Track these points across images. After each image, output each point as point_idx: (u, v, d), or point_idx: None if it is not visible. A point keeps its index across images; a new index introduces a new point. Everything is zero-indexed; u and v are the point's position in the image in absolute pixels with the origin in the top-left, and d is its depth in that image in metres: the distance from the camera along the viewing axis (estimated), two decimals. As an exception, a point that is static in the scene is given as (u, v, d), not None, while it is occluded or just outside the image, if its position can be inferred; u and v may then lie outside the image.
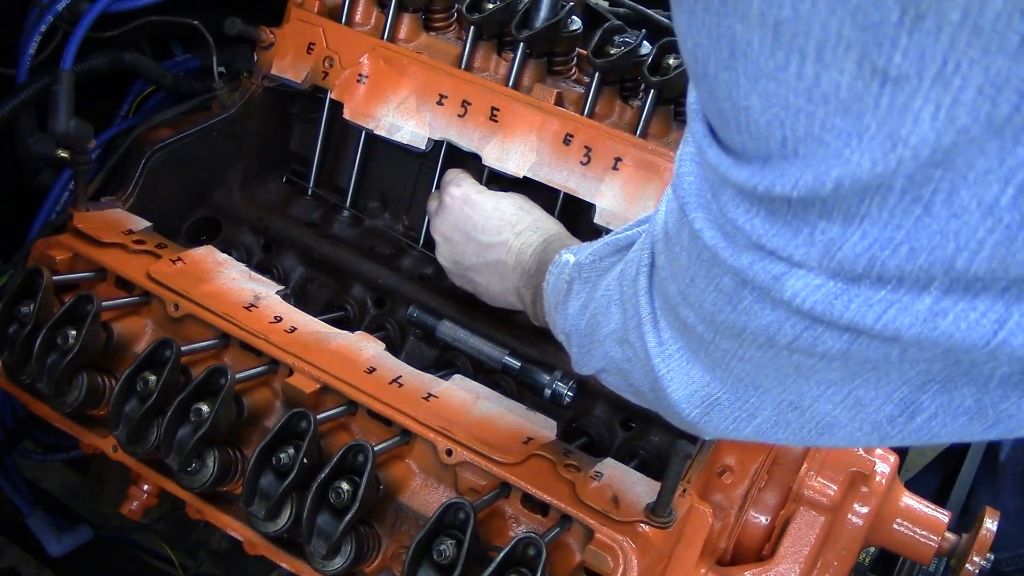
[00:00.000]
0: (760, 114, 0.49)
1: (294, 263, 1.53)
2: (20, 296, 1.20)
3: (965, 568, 1.23)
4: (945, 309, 0.48)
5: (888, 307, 0.50)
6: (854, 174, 0.46)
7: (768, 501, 1.22)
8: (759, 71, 0.47)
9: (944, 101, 0.42)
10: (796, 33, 0.44)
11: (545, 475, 1.07)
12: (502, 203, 1.30)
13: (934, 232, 0.46)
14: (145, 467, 1.18)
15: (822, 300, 0.52)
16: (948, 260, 0.46)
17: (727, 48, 0.48)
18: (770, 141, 0.49)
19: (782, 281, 0.53)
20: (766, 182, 0.51)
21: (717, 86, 0.51)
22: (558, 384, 1.28)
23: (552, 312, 1.03)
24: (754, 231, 0.53)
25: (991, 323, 0.48)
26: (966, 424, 0.57)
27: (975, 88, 0.41)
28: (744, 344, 0.61)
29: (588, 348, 0.91)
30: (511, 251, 1.24)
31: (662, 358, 0.72)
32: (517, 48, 1.41)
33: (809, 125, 0.47)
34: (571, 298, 0.94)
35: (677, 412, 0.73)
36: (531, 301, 1.20)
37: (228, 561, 1.78)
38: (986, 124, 0.41)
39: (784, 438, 0.68)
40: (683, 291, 0.66)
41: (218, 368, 1.10)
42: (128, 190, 1.43)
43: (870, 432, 0.62)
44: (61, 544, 1.76)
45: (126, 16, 1.48)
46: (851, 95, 0.44)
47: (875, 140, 0.44)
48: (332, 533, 1.01)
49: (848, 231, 0.48)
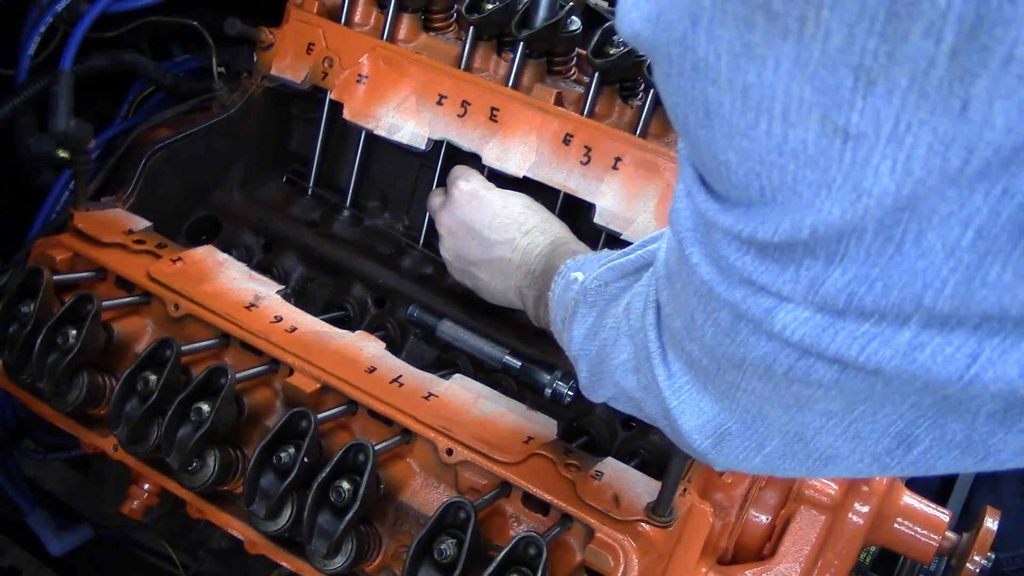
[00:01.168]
0: (738, 167, 0.52)
1: (294, 263, 1.53)
2: (20, 296, 1.20)
3: (966, 567, 1.23)
4: (923, 343, 0.51)
5: (870, 340, 0.52)
6: (826, 221, 0.49)
7: (769, 500, 1.22)
8: (732, 130, 0.50)
9: (899, 157, 0.45)
10: (762, 96, 0.48)
11: (546, 474, 1.07)
12: (510, 201, 1.30)
13: (904, 270, 0.49)
14: (145, 466, 1.18)
15: (810, 333, 0.54)
16: (917, 297, 0.49)
17: (702, 109, 0.52)
18: (750, 190, 0.52)
19: (773, 314, 0.56)
20: (750, 228, 0.54)
21: (697, 141, 0.55)
22: (558, 384, 1.28)
23: (559, 325, 1.03)
24: (744, 268, 0.56)
25: (964, 357, 0.50)
26: (959, 457, 0.60)
27: (926, 145, 0.44)
28: (746, 375, 0.64)
29: (599, 377, 0.92)
30: (517, 250, 1.24)
31: (672, 391, 0.74)
32: (517, 48, 1.41)
33: (783, 177, 0.50)
34: (576, 320, 0.95)
35: (689, 443, 0.75)
36: (533, 303, 1.20)
37: (229, 560, 1.78)
38: (940, 176, 0.44)
39: (792, 469, 0.70)
40: (686, 325, 0.68)
41: (218, 368, 1.10)
42: (128, 190, 1.43)
43: (871, 463, 0.65)
44: (62, 543, 1.76)
45: (126, 16, 1.48)
46: (817, 151, 0.47)
47: (842, 191, 0.47)
48: (333, 532, 1.01)
49: (830, 268, 0.51)
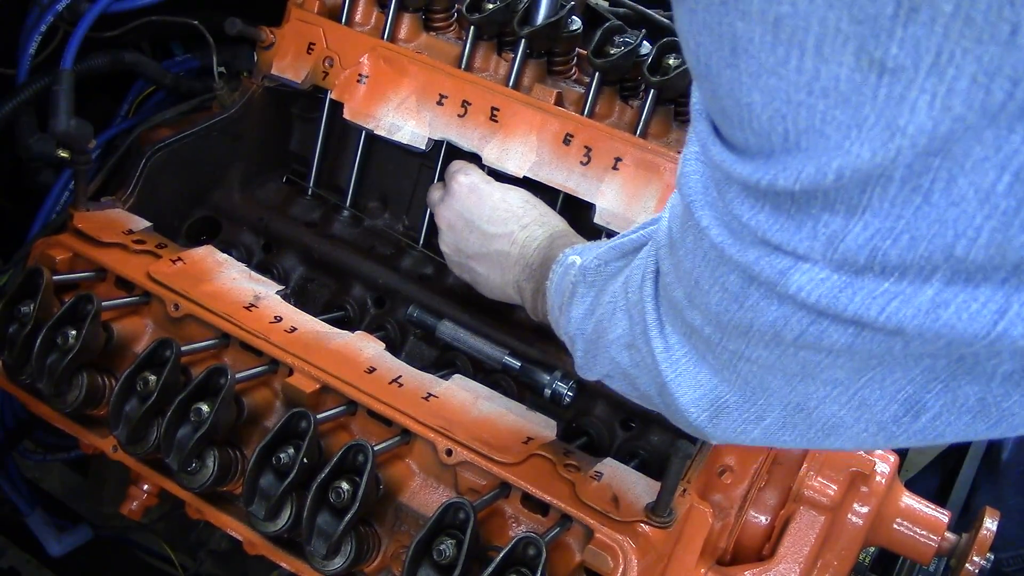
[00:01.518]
0: (762, 110, 0.50)
1: (294, 263, 1.53)
2: (20, 296, 1.20)
3: (965, 568, 1.22)
4: (947, 300, 0.49)
5: (892, 299, 0.50)
6: (855, 164, 0.47)
7: (768, 501, 1.21)
8: (760, 67, 0.48)
9: (940, 91, 0.43)
10: (795, 28, 0.45)
11: (545, 475, 1.07)
12: (509, 195, 1.30)
13: (933, 220, 0.47)
14: (145, 467, 1.18)
15: (827, 293, 0.52)
16: (947, 248, 0.47)
17: (728, 46, 0.49)
18: (773, 136, 0.50)
19: (788, 275, 0.54)
20: (769, 176, 0.51)
21: (720, 84, 0.52)
22: (558, 384, 1.28)
23: (556, 312, 1.03)
24: (759, 226, 0.54)
25: (991, 313, 0.48)
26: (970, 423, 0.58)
27: (969, 77, 0.42)
28: (751, 343, 0.62)
29: (594, 354, 0.92)
30: (515, 243, 1.24)
31: (669, 363, 0.73)
32: (517, 48, 1.41)
33: (810, 118, 0.47)
34: (575, 302, 0.95)
35: (685, 417, 0.73)
36: (531, 296, 1.20)
37: (228, 561, 1.78)
38: (981, 112, 0.42)
39: (791, 440, 0.69)
40: (689, 293, 0.67)
41: (218, 368, 1.10)
42: (128, 190, 1.43)
43: (876, 432, 0.63)
44: (61, 544, 1.76)
45: (126, 16, 1.48)
46: (850, 87, 0.45)
47: (874, 130, 0.45)
48: (332, 533, 1.01)
49: (850, 223, 0.49)
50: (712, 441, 0.74)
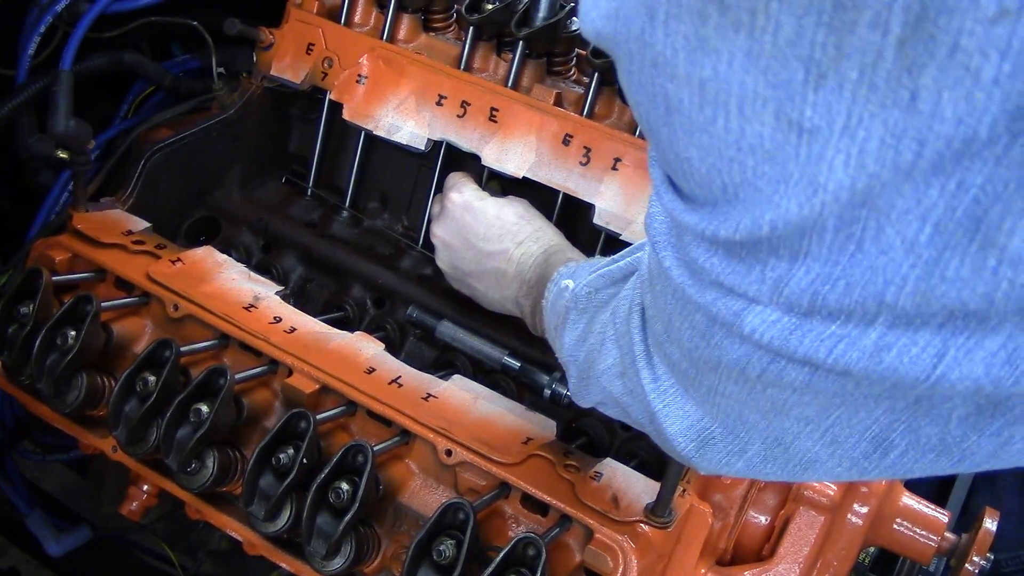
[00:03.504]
0: (700, 164, 0.52)
1: (294, 263, 1.53)
2: (20, 296, 1.20)
3: (965, 568, 1.22)
4: (889, 344, 0.50)
5: (838, 341, 0.51)
6: (785, 217, 0.48)
7: (768, 501, 1.22)
8: (692, 126, 0.50)
9: (852, 150, 0.44)
10: (718, 91, 0.47)
11: (545, 475, 1.07)
12: (503, 211, 1.30)
13: (865, 268, 0.48)
14: (145, 467, 1.18)
15: (779, 335, 0.54)
16: (879, 294, 0.48)
17: (663, 105, 0.51)
18: (712, 188, 0.52)
19: (742, 317, 0.55)
20: (713, 226, 0.53)
21: (660, 139, 0.55)
22: (557, 384, 1.28)
23: (552, 333, 1.04)
24: (713, 270, 0.56)
25: (930, 357, 0.49)
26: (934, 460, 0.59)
27: (878, 139, 0.43)
28: (722, 379, 0.63)
29: (586, 382, 0.92)
30: (511, 260, 1.24)
31: (657, 394, 0.74)
32: (516, 48, 1.41)
33: (743, 173, 0.49)
34: (567, 327, 0.95)
35: (673, 447, 0.74)
36: (530, 312, 1.21)
37: (228, 561, 1.78)
38: (894, 170, 0.44)
39: (773, 473, 0.70)
40: (666, 328, 0.68)
41: (218, 368, 1.10)
42: (128, 190, 1.43)
43: (849, 467, 0.64)
44: (61, 544, 1.76)
45: (126, 16, 1.48)
46: (773, 145, 0.47)
47: (799, 186, 0.47)
48: (332, 533, 1.01)
49: (793, 268, 0.51)
50: (700, 472, 0.75)
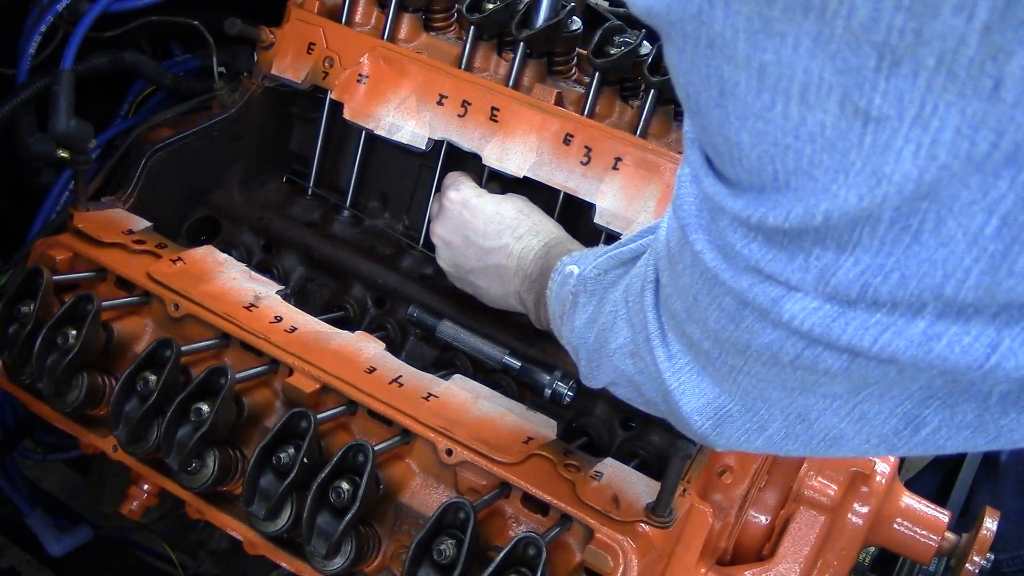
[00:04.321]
0: (751, 149, 0.50)
1: (294, 263, 1.53)
2: (20, 296, 1.20)
3: (965, 568, 1.23)
4: (939, 333, 0.49)
5: (884, 330, 0.51)
6: (842, 208, 0.47)
7: (768, 501, 1.22)
8: (747, 110, 0.49)
9: (924, 141, 0.43)
10: (780, 76, 0.46)
11: (545, 475, 1.07)
12: (502, 207, 1.30)
13: (923, 260, 0.47)
14: (145, 467, 1.18)
15: (820, 322, 0.53)
16: (937, 287, 0.47)
17: (716, 88, 0.50)
18: (762, 174, 0.51)
19: (780, 304, 0.54)
20: (760, 213, 0.52)
21: (709, 122, 0.53)
22: (558, 384, 1.28)
23: (557, 321, 1.03)
24: (752, 256, 0.55)
25: (983, 347, 0.49)
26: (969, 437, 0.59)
27: (953, 128, 0.42)
28: (749, 360, 0.62)
29: (597, 363, 0.92)
30: (512, 255, 1.24)
31: (672, 372, 0.73)
32: (517, 48, 1.41)
33: (798, 161, 0.48)
34: (577, 311, 0.95)
35: (689, 425, 0.74)
36: (533, 306, 1.20)
37: (228, 561, 1.78)
38: (966, 161, 0.43)
39: (795, 449, 0.69)
40: (688, 308, 0.67)
41: (218, 368, 1.10)
42: (128, 190, 1.43)
43: (877, 444, 0.63)
44: (61, 544, 1.76)
45: (126, 16, 1.48)
46: (836, 134, 0.45)
47: (860, 176, 0.46)
48: (332, 533, 1.01)
49: (841, 258, 0.50)
50: (717, 449, 0.74)
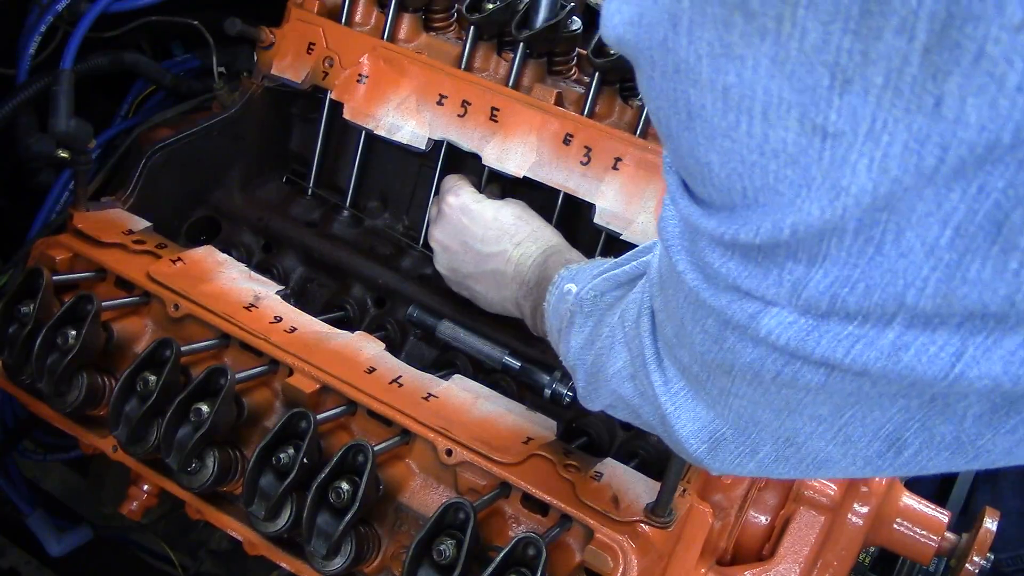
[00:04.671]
0: (720, 168, 0.52)
1: (294, 263, 1.53)
2: (20, 296, 1.20)
3: (965, 568, 1.22)
4: (907, 343, 0.51)
5: (856, 342, 0.52)
6: (806, 221, 0.49)
7: (768, 501, 1.22)
8: (714, 131, 0.51)
9: (876, 155, 0.45)
10: (742, 96, 0.48)
11: (545, 475, 1.07)
12: (501, 212, 1.30)
13: (885, 270, 0.49)
14: (145, 467, 1.18)
15: (795, 336, 0.54)
16: (899, 296, 0.49)
17: (684, 111, 0.52)
18: (732, 192, 0.53)
19: (758, 319, 0.56)
20: (732, 230, 0.54)
21: (680, 144, 0.55)
22: (558, 384, 1.28)
23: (555, 335, 1.04)
24: (729, 274, 0.56)
25: (948, 356, 0.50)
26: (949, 458, 0.60)
27: (902, 143, 0.44)
28: (735, 381, 0.64)
29: (595, 386, 0.92)
30: (510, 261, 1.24)
31: (668, 396, 0.75)
32: (517, 48, 1.41)
33: (764, 177, 0.50)
34: (573, 331, 0.95)
35: (685, 448, 0.75)
36: (530, 313, 1.21)
37: (228, 561, 1.78)
38: (916, 174, 0.44)
39: (785, 472, 0.70)
40: (677, 332, 0.69)
41: (218, 368, 1.10)
42: (128, 190, 1.43)
43: (863, 466, 0.65)
44: (61, 544, 1.76)
45: (126, 16, 1.48)
46: (797, 149, 0.48)
47: (821, 190, 0.48)
48: (332, 533, 1.01)
49: (812, 271, 0.51)
50: (712, 472, 0.76)
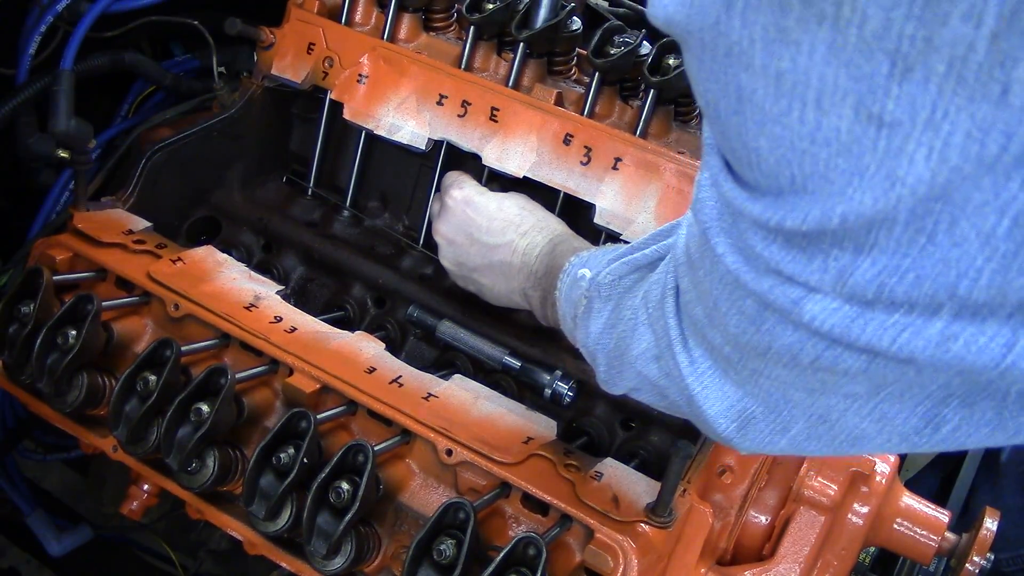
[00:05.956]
0: (769, 154, 0.52)
1: (294, 263, 1.53)
2: (20, 296, 1.20)
3: (965, 568, 1.23)
4: (956, 333, 0.50)
5: (902, 331, 0.52)
6: (858, 210, 0.49)
7: (768, 501, 1.22)
8: (765, 116, 0.50)
9: (936, 144, 0.44)
10: (796, 83, 0.47)
11: (545, 475, 1.07)
12: (505, 204, 1.30)
13: (937, 260, 0.48)
14: (145, 467, 1.18)
15: (839, 323, 0.54)
16: (951, 287, 0.48)
17: (735, 95, 0.51)
18: (780, 178, 0.52)
19: (801, 305, 0.55)
20: (778, 216, 0.53)
21: (728, 128, 0.54)
22: (558, 384, 1.28)
23: (569, 322, 1.03)
24: (772, 258, 0.56)
25: (999, 347, 0.50)
26: (989, 434, 0.60)
27: (963, 132, 0.43)
28: (770, 363, 0.63)
29: (618, 368, 0.92)
30: (516, 252, 1.24)
31: (694, 376, 0.74)
32: (517, 48, 1.41)
33: (814, 165, 0.49)
34: (592, 316, 0.95)
35: (713, 428, 0.75)
36: (539, 303, 1.20)
37: (228, 561, 1.78)
38: (977, 163, 0.44)
39: (818, 449, 0.70)
40: (708, 313, 0.68)
41: (218, 368, 1.10)
42: (128, 190, 1.43)
43: (899, 442, 0.65)
44: (61, 544, 1.76)
45: (126, 16, 1.48)
46: (850, 138, 0.47)
47: (875, 179, 0.47)
48: (332, 533, 1.01)
49: (858, 259, 0.51)
50: (742, 452, 0.76)
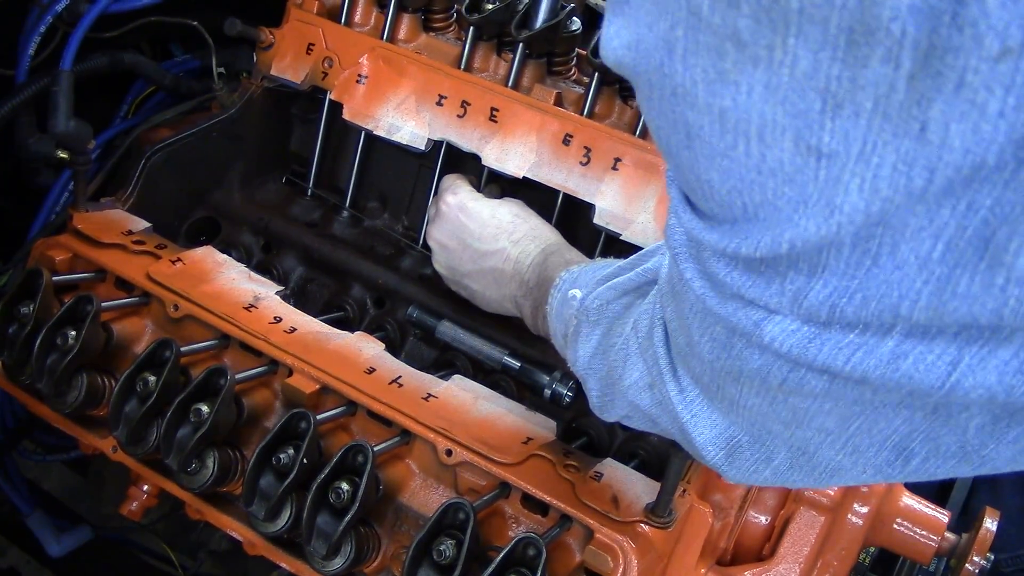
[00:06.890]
0: (720, 185, 0.54)
1: (294, 263, 1.53)
2: (20, 296, 1.20)
3: (965, 568, 1.23)
4: (905, 352, 0.52)
5: (855, 350, 0.54)
6: (803, 236, 0.51)
7: (768, 501, 1.22)
8: (713, 151, 0.52)
9: (867, 176, 0.47)
10: (739, 120, 0.50)
11: (545, 475, 1.07)
12: (499, 211, 1.30)
13: (881, 282, 0.50)
14: (145, 467, 1.18)
15: (797, 343, 0.56)
16: (894, 308, 0.50)
17: (683, 131, 0.54)
18: (733, 208, 0.54)
19: (762, 327, 0.57)
20: (734, 244, 0.56)
21: (681, 162, 0.57)
22: (558, 384, 1.28)
23: (560, 339, 1.04)
24: (733, 283, 0.58)
25: (945, 365, 0.51)
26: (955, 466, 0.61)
27: (890, 165, 0.46)
28: (744, 389, 0.65)
29: (611, 397, 0.93)
30: (508, 259, 1.24)
31: (684, 405, 0.75)
32: (516, 48, 1.41)
33: (763, 194, 0.52)
34: (580, 340, 0.95)
35: (704, 456, 0.76)
36: (531, 313, 1.21)
37: (228, 561, 1.78)
38: (906, 194, 0.46)
39: (800, 481, 0.71)
40: (688, 341, 0.69)
41: (218, 368, 1.10)
42: (128, 190, 1.43)
43: (874, 474, 0.66)
44: (61, 544, 1.76)
45: (126, 16, 1.48)
46: (793, 169, 0.49)
47: (817, 207, 0.49)
48: (332, 533, 1.01)
49: (812, 281, 0.53)
50: (729, 481, 0.77)
